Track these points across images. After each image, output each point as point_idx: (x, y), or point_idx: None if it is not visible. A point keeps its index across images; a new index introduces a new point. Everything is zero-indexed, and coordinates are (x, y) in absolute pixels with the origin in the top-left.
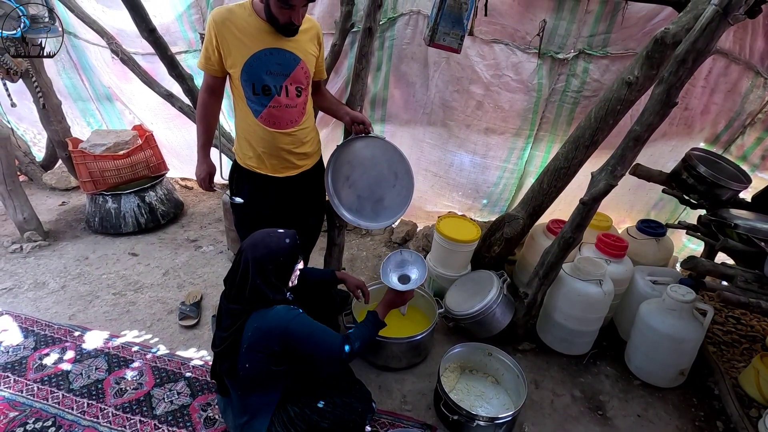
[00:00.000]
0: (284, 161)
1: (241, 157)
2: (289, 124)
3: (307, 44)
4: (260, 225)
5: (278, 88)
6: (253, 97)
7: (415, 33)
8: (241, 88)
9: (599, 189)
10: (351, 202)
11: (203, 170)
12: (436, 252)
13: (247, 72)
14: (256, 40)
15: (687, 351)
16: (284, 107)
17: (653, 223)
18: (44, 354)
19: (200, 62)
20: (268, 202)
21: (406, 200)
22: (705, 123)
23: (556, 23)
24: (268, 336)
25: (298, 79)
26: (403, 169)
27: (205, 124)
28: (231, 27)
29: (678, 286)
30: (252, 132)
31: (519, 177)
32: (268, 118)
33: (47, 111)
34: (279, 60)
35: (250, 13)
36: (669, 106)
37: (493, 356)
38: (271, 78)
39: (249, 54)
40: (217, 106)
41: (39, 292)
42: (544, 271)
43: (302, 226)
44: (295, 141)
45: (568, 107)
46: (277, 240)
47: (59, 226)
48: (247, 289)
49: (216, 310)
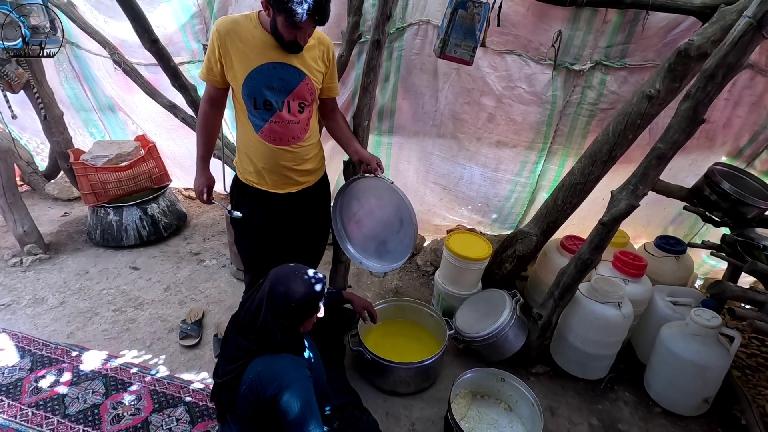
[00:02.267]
0: (285, 178)
1: (241, 171)
2: (291, 141)
3: (315, 60)
4: (260, 242)
5: (280, 104)
6: (255, 112)
7: (424, 43)
8: (242, 102)
9: (620, 209)
10: (357, 238)
11: (202, 183)
12: (446, 269)
13: (249, 86)
14: (260, 53)
15: (712, 379)
16: (286, 123)
17: (672, 239)
18: (40, 376)
19: (202, 73)
20: (268, 219)
21: (407, 249)
22: (728, 136)
23: (571, 33)
24: (265, 386)
25: (302, 95)
26: (407, 217)
27: (206, 136)
28: (235, 38)
29: (702, 310)
30: (252, 147)
31: (531, 191)
32: (270, 133)
33: (49, 122)
34: (282, 75)
35: (256, 26)
36: (696, 123)
37: (507, 382)
38: (272, 93)
39: (251, 67)
40: (218, 118)
41: (38, 308)
42: (559, 293)
43: (305, 243)
44: (297, 158)
45: (584, 120)
46: (302, 282)
47: (60, 238)
48: (258, 322)
49: (217, 329)
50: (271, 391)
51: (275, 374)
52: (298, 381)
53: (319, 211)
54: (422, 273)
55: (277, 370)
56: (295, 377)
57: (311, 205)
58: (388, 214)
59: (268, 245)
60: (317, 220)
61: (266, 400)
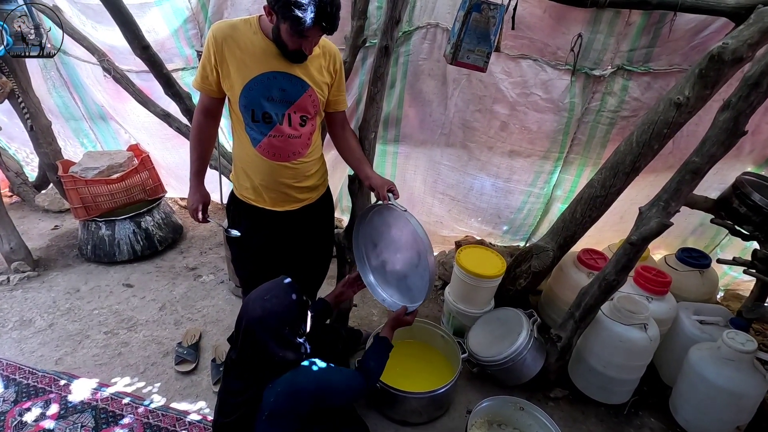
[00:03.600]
0: (284, 195)
1: (237, 187)
2: (291, 156)
3: (320, 71)
4: (258, 263)
5: (280, 117)
6: (253, 124)
7: (432, 48)
8: (239, 113)
9: (650, 229)
10: (378, 269)
11: (196, 200)
12: (457, 287)
13: (246, 96)
14: (260, 61)
15: (747, 407)
16: (286, 137)
17: (695, 252)
18: (25, 409)
19: (196, 81)
20: (266, 239)
21: (425, 287)
22: (755, 144)
23: (591, 37)
24: (297, 398)
25: (304, 108)
26: (423, 250)
27: (200, 149)
28: (233, 45)
29: (735, 332)
30: (249, 162)
31: (545, 202)
32: (268, 148)
33: (36, 133)
34: (283, 85)
35: (256, 31)
36: (737, 135)
37: (526, 411)
38: (272, 105)
39: (250, 77)
40: (214, 130)
41: (24, 331)
42: (580, 314)
43: (306, 263)
44: (297, 174)
45: (603, 128)
46: (271, 296)
47: (50, 254)
48: (257, 358)
49: (215, 352)
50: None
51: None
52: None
53: (322, 228)
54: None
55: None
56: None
57: (313, 222)
58: (407, 247)
59: (267, 266)
60: (319, 239)
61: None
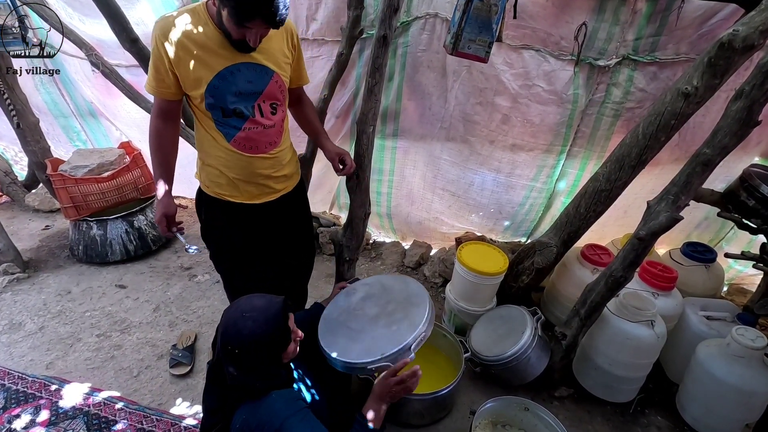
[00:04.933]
0: (262, 187)
1: (208, 185)
2: (267, 147)
3: (281, 51)
4: (236, 259)
5: (251, 109)
6: (224, 120)
7: (431, 39)
8: (206, 112)
9: (660, 223)
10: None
11: (160, 210)
12: (458, 284)
13: (212, 95)
14: (219, 55)
15: (756, 405)
16: (262, 128)
17: (701, 246)
18: (15, 416)
19: (150, 85)
20: (243, 234)
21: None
22: (763, 135)
23: (596, 26)
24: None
25: (273, 95)
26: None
27: (162, 156)
28: (186, 42)
29: (744, 329)
30: (224, 157)
31: (548, 197)
32: (245, 141)
33: (23, 130)
34: (249, 77)
35: (206, 22)
36: (750, 125)
37: (531, 411)
38: (241, 99)
39: (212, 74)
40: (175, 133)
41: (14, 335)
42: (586, 312)
43: (289, 257)
44: (275, 164)
45: (608, 120)
46: (252, 316)
47: (41, 255)
48: (229, 374)
49: (212, 354)
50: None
51: (263, 418)
52: (293, 416)
53: (301, 219)
54: (430, 285)
55: (264, 411)
56: (287, 413)
57: (292, 213)
58: (383, 305)
59: (246, 261)
60: (300, 227)
61: None
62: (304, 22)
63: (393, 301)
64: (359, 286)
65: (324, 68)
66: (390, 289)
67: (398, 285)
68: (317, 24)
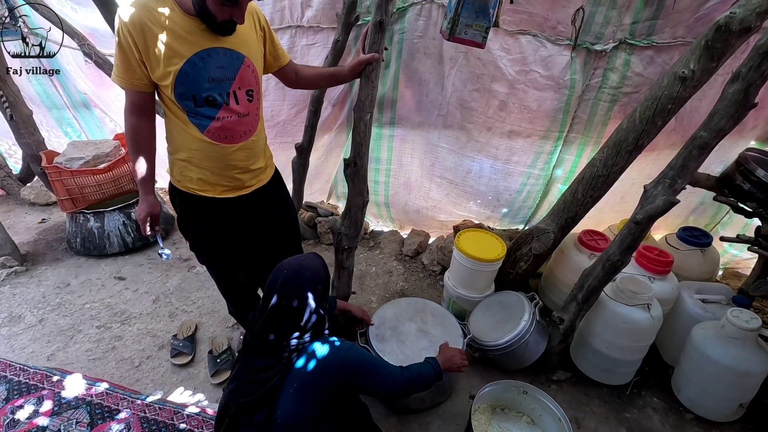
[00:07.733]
0: (236, 180)
1: (179, 179)
2: (242, 136)
3: (249, 33)
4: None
5: (225, 96)
6: (197, 110)
7: (428, 25)
8: (177, 103)
9: (656, 207)
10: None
11: (143, 210)
12: (457, 271)
13: (183, 83)
14: (188, 42)
15: (751, 385)
16: (237, 117)
17: (697, 231)
18: (18, 406)
19: (119, 78)
20: (219, 229)
21: None
22: (759, 119)
23: (593, 10)
24: (326, 369)
25: (248, 82)
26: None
27: (141, 153)
28: (154, 30)
29: (739, 310)
30: (197, 150)
31: (545, 183)
32: (219, 132)
33: (17, 122)
34: (220, 62)
35: (173, 8)
36: (747, 108)
37: (529, 394)
38: (215, 86)
39: (181, 62)
40: (152, 127)
41: (14, 327)
42: (583, 296)
43: (275, 249)
44: (251, 155)
45: (605, 105)
46: (310, 260)
47: (38, 248)
48: (291, 315)
49: (212, 344)
50: (334, 368)
51: (330, 354)
52: (351, 347)
53: (282, 209)
54: (429, 273)
55: (329, 350)
56: (347, 346)
57: (270, 204)
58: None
59: (228, 254)
60: (282, 221)
61: (332, 383)
62: (299, 9)
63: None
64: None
65: (320, 56)
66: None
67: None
68: (312, 11)
